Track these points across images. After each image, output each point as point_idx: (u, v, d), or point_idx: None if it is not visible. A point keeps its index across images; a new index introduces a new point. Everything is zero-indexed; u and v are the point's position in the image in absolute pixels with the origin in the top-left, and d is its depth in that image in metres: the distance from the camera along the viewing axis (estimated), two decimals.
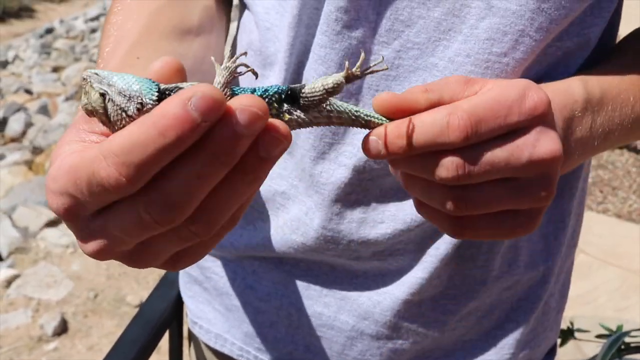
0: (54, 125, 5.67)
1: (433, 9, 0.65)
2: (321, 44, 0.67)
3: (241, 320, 0.85)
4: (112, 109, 0.41)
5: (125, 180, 0.38)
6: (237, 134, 0.38)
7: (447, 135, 0.47)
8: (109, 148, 0.38)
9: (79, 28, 9.36)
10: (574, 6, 0.63)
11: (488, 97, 0.48)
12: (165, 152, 0.37)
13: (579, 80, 0.63)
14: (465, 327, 0.79)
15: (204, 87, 0.37)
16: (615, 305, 2.82)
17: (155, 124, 0.37)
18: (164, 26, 0.69)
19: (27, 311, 3.31)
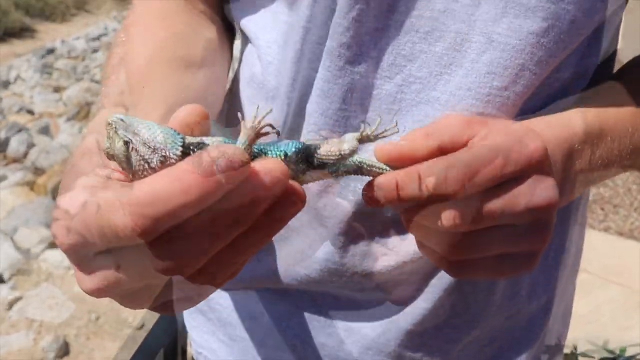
0: (55, 145, 5.69)
1: (434, 43, 0.65)
2: (324, 79, 0.68)
3: (245, 351, 0.85)
4: (135, 158, 0.41)
5: (140, 231, 0.38)
6: (258, 197, 0.39)
7: (444, 188, 0.48)
8: (129, 197, 0.38)
9: (80, 48, 9.41)
10: (572, 40, 0.64)
11: (485, 148, 0.50)
12: (185, 209, 0.38)
13: (578, 113, 0.64)
14: (467, 355, 0.80)
15: (231, 149, 0.38)
16: (619, 324, 2.82)
17: (180, 180, 0.37)
18: (169, 57, 0.70)
19: (29, 333, 3.31)
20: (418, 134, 0.51)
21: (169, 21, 0.74)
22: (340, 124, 0.68)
